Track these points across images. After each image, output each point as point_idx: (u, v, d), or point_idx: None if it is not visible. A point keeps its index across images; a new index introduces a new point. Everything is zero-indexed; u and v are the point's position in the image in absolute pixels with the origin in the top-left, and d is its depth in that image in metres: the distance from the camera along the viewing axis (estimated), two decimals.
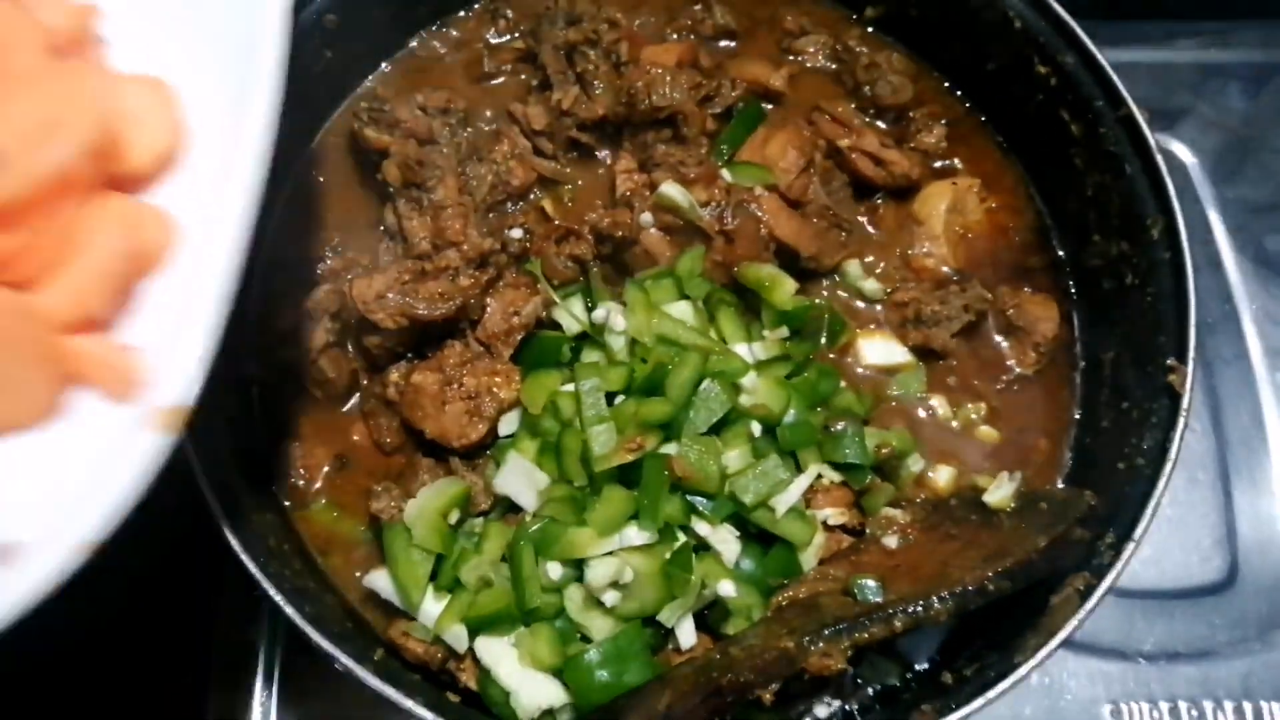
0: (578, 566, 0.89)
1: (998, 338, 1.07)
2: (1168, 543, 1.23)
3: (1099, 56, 1.02)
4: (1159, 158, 0.99)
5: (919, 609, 0.81)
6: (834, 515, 0.96)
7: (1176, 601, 1.20)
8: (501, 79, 1.15)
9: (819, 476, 0.96)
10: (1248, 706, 1.15)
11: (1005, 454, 1.03)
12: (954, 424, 1.04)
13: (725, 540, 0.91)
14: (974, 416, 1.04)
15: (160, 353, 0.67)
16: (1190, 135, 1.45)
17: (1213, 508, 1.25)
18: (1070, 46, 1.04)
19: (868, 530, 0.97)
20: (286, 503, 0.98)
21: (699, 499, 0.90)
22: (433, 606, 0.91)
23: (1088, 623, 1.17)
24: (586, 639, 0.89)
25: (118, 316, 0.71)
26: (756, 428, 0.94)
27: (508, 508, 0.94)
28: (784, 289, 0.99)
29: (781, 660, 0.79)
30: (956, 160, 1.14)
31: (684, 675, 0.82)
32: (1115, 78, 1.02)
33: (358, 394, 1.03)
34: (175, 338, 0.63)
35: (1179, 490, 1.25)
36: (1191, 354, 0.94)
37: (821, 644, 0.80)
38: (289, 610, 0.83)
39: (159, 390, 0.63)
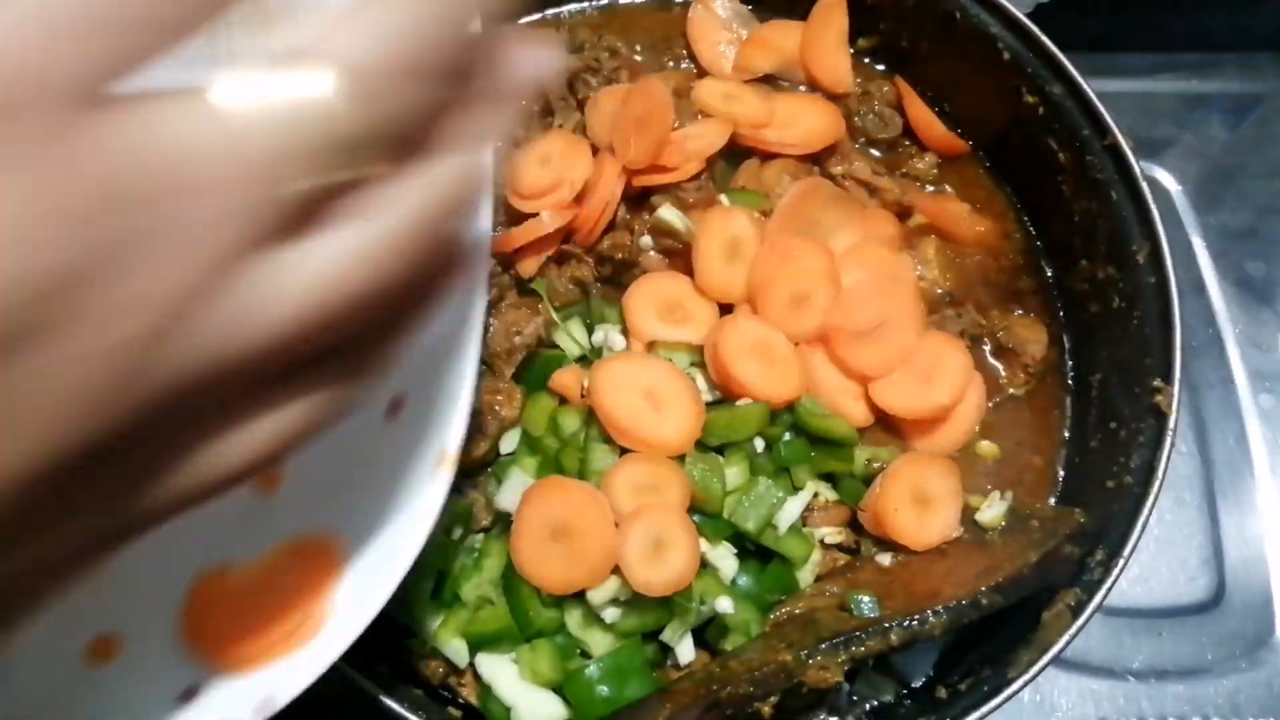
0: None
1: (991, 359, 1.09)
2: (1155, 562, 1.25)
3: (1085, 87, 1.05)
4: (1144, 185, 1.01)
5: (914, 623, 0.82)
6: (830, 534, 0.98)
7: (1165, 620, 1.22)
8: None
9: (815, 495, 0.98)
10: None
11: (1001, 472, 1.05)
12: None
13: (723, 557, 0.92)
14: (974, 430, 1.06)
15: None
16: (1174, 163, 1.49)
17: (1199, 528, 1.27)
18: (1057, 77, 1.07)
19: (862, 548, 0.99)
20: None
21: (696, 515, 0.91)
22: (434, 623, 0.92)
23: (1078, 641, 1.18)
24: (586, 654, 0.91)
25: None
26: (759, 444, 0.95)
27: (508, 524, 0.96)
28: None
29: (780, 673, 0.81)
30: (947, 186, 1.17)
31: (684, 689, 0.83)
32: (1101, 107, 1.04)
33: None
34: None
35: (1166, 511, 1.27)
36: (1177, 375, 0.96)
37: (819, 657, 0.81)
38: None
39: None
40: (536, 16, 1.22)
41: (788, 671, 0.81)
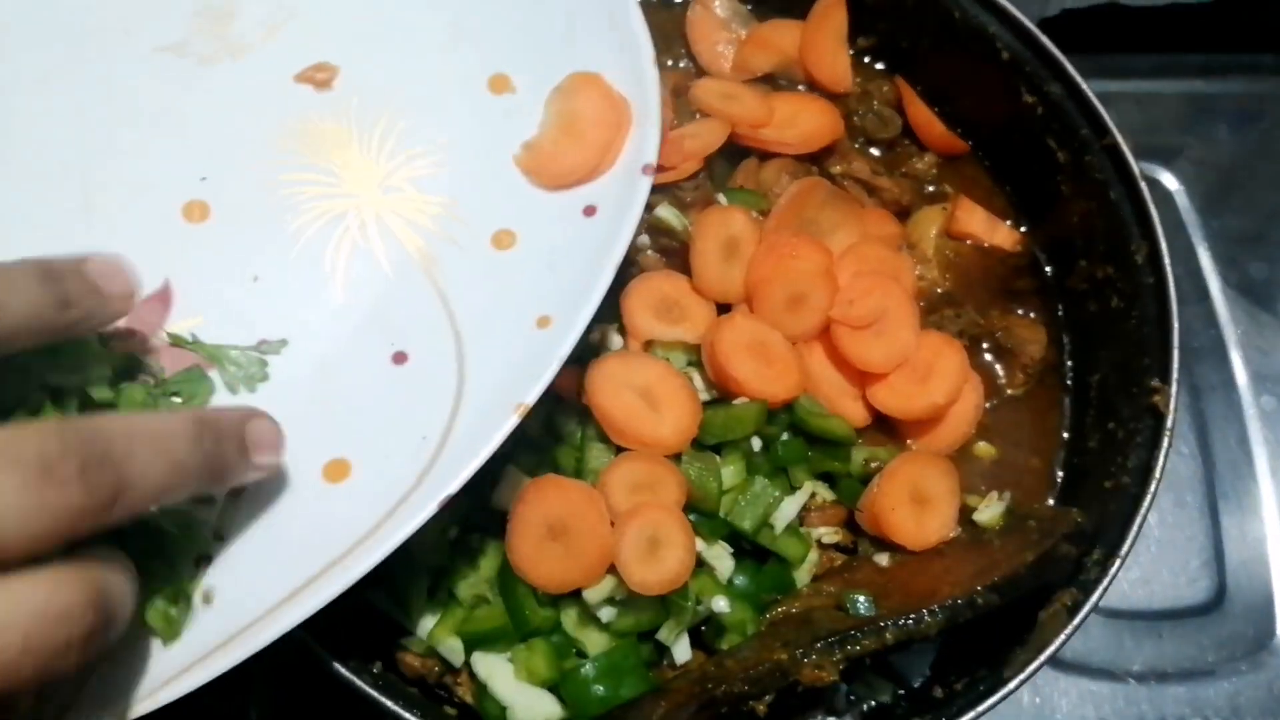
0: None
1: (989, 359, 1.09)
2: (1156, 564, 1.25)
3: (1084, 86, 1.05)
4: (1143, 185, 1.01)
5: (910, 621, 0.82)
6: (827, 534, 0.98)
7: (1165, 622, 1.22)
8: None
9: (813, 494, 0.98)
10: None
11: (999, 473, 1.05)
12: None
13: (719, 556, 0.92)
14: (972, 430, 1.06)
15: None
16: (1177, 165, 1.49)
17: (1200, 530, 1.27)
18: (1056, 77, 1.07)
19: (860, 548, 0.99)
20: None
21: (693, 514, 0.91)
22: (430, 621, 0.92)
23: (1078, 643, 1.19)
24: (582, 654, 0.91)
25: None
26: (756, 443, 0.95)
27: (504, 524, 0.95)
28: None
29: (775, 671, 0.81)
30: (947, 186, 1.17)
31: (679, 687, 0.83)
32: (1100, 107, 1.04)
33: None
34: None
35: (1167, 512, 1.27)
36: (1175, 375, 0.96)
37: (814, 656, 0.81)
38: None
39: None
40: None
41: (783, 670, 0.81)
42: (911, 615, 0.83)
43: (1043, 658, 0.85)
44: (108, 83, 0.92)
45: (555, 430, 0.95)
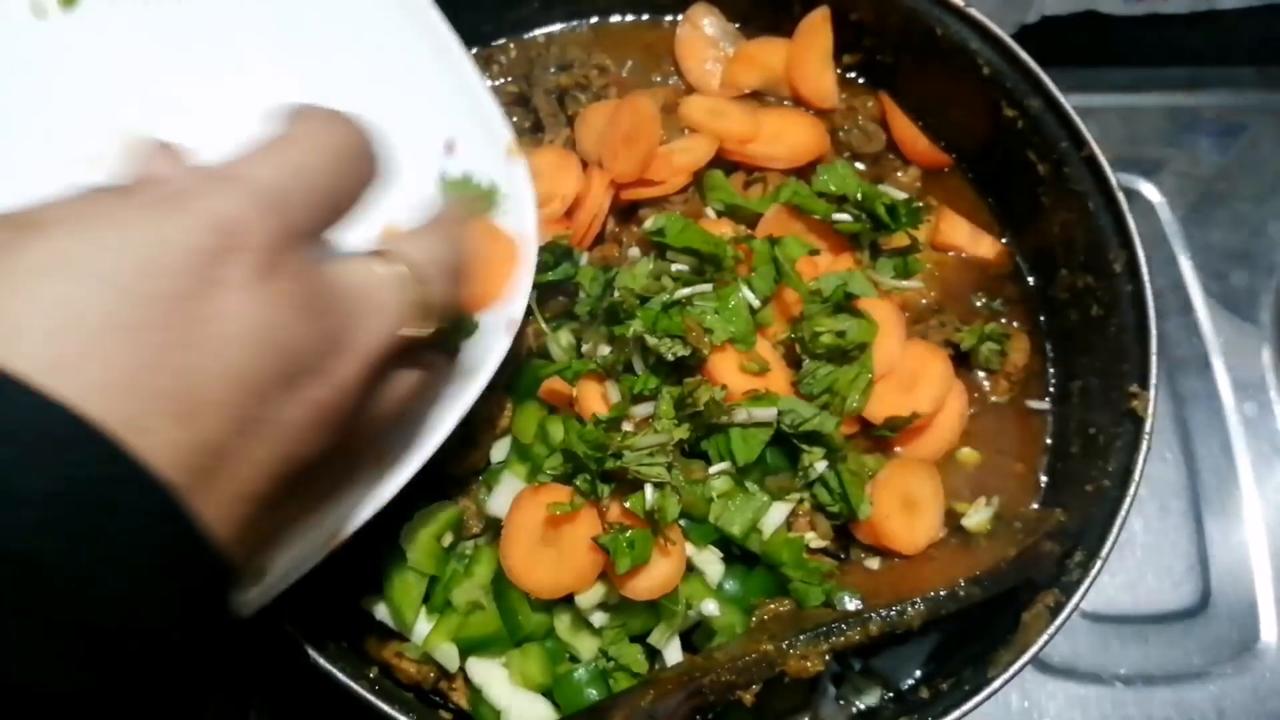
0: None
1: (974, 368, 1.11)
2: (1142, 569, 1.27)
3: (1062, 100, 1.07)
4: (1120, 195, 1.04)
5: (893, 613, 0.84)
6: (816, 539, 1.00)
7: (1151, 626, 1.23)
8: None
9: (801, 500, 0.99)
10: None
11: (985, 478, 1.06)
12: None
13: (709, 561, 0.94)
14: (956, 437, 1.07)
15: None
16: (1160, 178, 1.52)
17: (1184, 535, 1.29)
18: (1035, 91, 1.09)
19: (850, 554, 1.00)
20: None
21: (683, 520, 0.93)
22: (425, 627, 0.93)
23: (1066, 647, 1.21)
24: (576, 658, 0.92)
25: None
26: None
27: (498, 531, 0.97)
28: None
29: (762, 662, 0.82)
30: (931, 199, 1.19)
31: (667, 678, 0.84)
32: (1078, 120, 1.07)
33: None
34: None
35: (1152, 518, 1.29)
36: (1153, 380, 0.98)
37: (800, 647, 0.83)
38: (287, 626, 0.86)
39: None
40: (534, 34, 1.25)
41: (769, 661, 0.82)
42: (895, 607, 0.84)
43: (1026, 657, 0.86)
44: None
45: (547, 439, 0.97)
